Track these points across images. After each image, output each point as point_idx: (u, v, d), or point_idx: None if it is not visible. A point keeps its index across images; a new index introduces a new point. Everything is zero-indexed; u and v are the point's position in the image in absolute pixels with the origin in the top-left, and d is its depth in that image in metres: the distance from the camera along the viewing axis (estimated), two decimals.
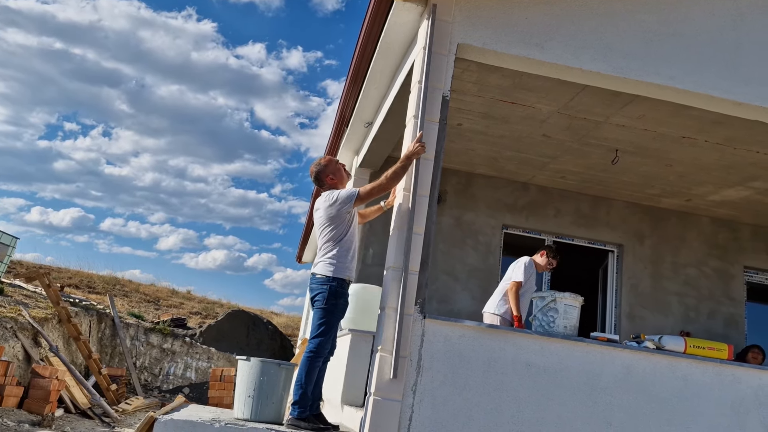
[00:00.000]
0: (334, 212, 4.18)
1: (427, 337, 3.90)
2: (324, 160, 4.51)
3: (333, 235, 4.17)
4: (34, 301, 10.87)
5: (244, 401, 3.98)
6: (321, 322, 4.09)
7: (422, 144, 4.06)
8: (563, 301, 4.29)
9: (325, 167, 4.44)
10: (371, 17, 4.87)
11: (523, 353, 3.99)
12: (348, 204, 4.16)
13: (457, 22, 4.36)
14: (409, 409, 3.78)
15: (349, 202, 4.15)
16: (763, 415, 4.19)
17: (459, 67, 5.04)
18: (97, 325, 12.29)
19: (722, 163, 6.63)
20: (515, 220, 8.00)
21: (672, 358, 4.19)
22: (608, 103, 5.61)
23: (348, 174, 4.55)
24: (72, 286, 15.46)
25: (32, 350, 8.86)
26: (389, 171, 4.07)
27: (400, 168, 4.05)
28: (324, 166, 4.45)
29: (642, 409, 4.06)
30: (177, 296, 18.63)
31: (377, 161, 7.30)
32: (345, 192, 4.20)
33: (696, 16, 4.72)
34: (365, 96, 6.08)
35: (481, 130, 6.67)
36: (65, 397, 8.69)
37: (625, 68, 4.51)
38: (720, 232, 8.36)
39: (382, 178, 4.07)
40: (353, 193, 4.16)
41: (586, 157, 6.98)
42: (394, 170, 4.06)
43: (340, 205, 4.16)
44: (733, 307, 8.17)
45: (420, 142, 4.07)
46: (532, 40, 4.44)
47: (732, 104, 4.68)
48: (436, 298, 7.53)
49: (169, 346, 13.09)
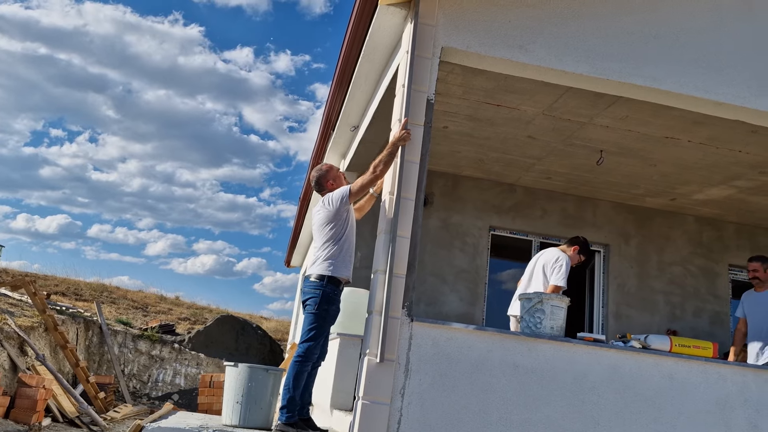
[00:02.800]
0: (332, 213, 4.25)
1: (414, 340, 3.91)
2: (326, 166, 4.59)
3: (332, 234, 4.23)
4: (20, 310, 10.77)
5: (232, 407, 3.97)
6: (311, 327, 4.10)
7: (408, 131, 4.09)
8: (549, 302, 4.31)
9: (326, 173, 4.52)
10: (355, 21, 4.89)
11: (510, 354, 4.01)
12: (344, 202, 4.24)
13: (441, 25, 4.39)
14: (398, 412, 3.79)
15: (345, 199, 4.23)
16: (748, 412, 4.24)
17: (444, 70, 5.06)
18: (84, 332, 12.20)
19: (705, 163, 6.70)
20: (502, 221, 8.03)
21: (658, 357, 4.22)
22: (592, 104, 5.66)
23: (347, 182, 4.57)
24: (59, 293, 15.32)
25: (18, 359, 8.78)
26: (376, 160, 4.12)
27: (386, 156, 4.10)
28: (325, 171, 4.53)
29: (629, 408, 4.09)
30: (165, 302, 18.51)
31: (364, 164, 7.29)
32: (337, 192, 4.29)
33: (677, 18, 4.77)
34: (351, 99, 6.09)
35: (467, 132, 6.69)
36: (52, 406, 8.62)
37: (608, 70, 4.55)
38: (704, 231, 8.45)
39: (370, 169, 4.14)
40: (345, 191, 4.25)
41: (572, 158, 7.03)
42: (381, 159, 4.11)
43: (338, 204, 4.23)
44: (718, 305, 8.25)
45: (405, 129, 4.10)
46: (515, 43, 4.47)
47: (713, 104, 4.74)
48: (424, 300, 7.55)
49: (158, 353, 13.02)
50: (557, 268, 5.33)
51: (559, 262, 5.35)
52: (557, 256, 5.41)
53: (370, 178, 4.15)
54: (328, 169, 4.56)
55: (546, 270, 5.41)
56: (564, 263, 5.34)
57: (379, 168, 4.11)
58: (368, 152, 6.83)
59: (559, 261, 5.36)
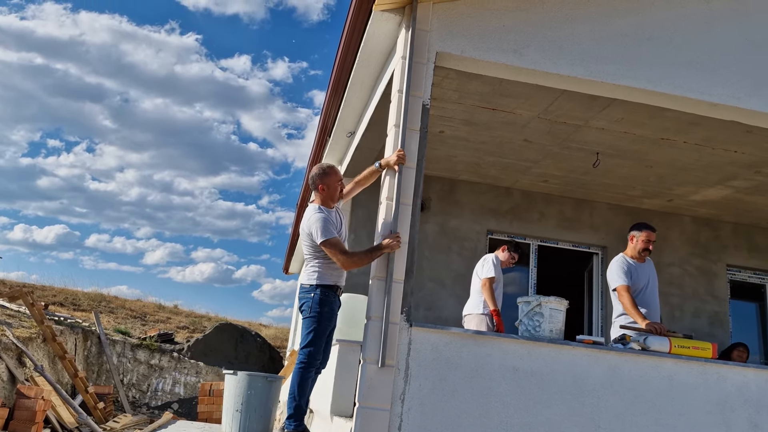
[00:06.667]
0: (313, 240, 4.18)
1: (414, 345, 3.90)
2: (329, 169, 4.43)
3: (316, 250, 4.19)
4: (18, 321, 10.73)
5: (231, 415, 3.96)
6: (309, 331, 4.10)
7: (398, 239, 3.92)
8: (548, 305, 4.31)
9: (325, 175, 4.37)
10: (350, 27, 4.90)
11: (510, 358, 4.01)
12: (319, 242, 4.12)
13: (435, 30, 4.40)
14: (398, 418, 3.78)
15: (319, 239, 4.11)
16: (748, 412, 4.23)
17: (439, 75, 5.07)
18: (82, 342, 12.15)
19: (701, 163, 6.72)
20: (500, 225, 8.04)
21: (657, 358, 4.22)
22: (587, 107, 5.67)
23: (341, 195, 4.47)
24: (57, 303, 15.27)
25: (17, 370, 8.74)
26: (360, 251, 4.08)
27: (367, 255, 3.96)
28: (325, 173, 4.38)
29: (629, 410, 4.08)
30: (164, 311, 18.46)
31: (360, 171, 7.30)
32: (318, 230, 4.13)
33: (670, 20, 4.78)
34: (347, 106, 6.10)
35: (463, 136, 6.70)
36: (51, 417, 8.58)
37: (602, 72, 4.56)
38: (702, 231, 8.46)
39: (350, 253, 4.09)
40: (322, 235, 4.10)
41: (568, 161, 7.04)
42: (363, 253, 4.01)
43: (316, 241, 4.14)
44: (717, 305, 8.25)
45: (396, 238, 3.91)
46: (509, 47, 4.48)
47: (708, 105, 4.75)
48: (423, 305, 7.54)
49: (157, 362, 12.97)
50: (486, 264, 6.13)
51: (487, 260, 6.17)
52: (485, 257, 6.27)
53: (342, 258, 4.04)
54: (329, 172, 4.40)
55: (478, 271, 6.19)
56: (491, 260, 6.11)
57: (356, 257, 4.05)
58: (365, 158, 6.83)
59: (486, 259, 6.21)
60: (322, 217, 4.15)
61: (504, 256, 6.28)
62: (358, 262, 4.05)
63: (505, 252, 6.30)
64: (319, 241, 4.08)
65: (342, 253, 4.05)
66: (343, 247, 4.12)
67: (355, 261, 4.05)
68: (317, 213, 4.20)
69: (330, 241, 4.07)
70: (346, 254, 4.06)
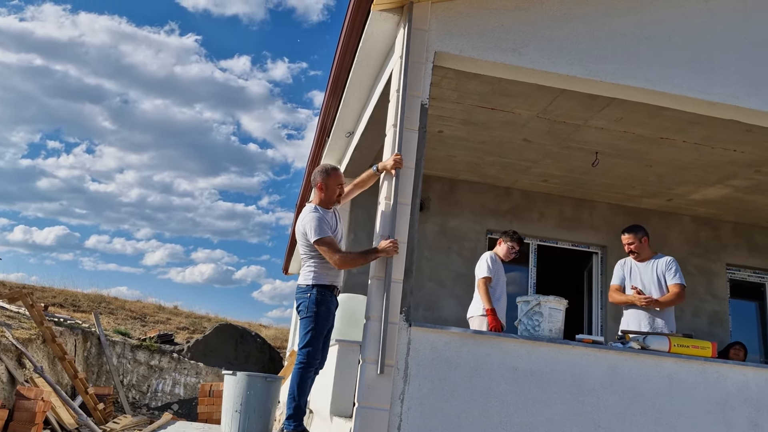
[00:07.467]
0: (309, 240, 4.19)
1: (413, 345, 3.90)
2: (332, 170, 4.43)
3: (311, 251, 4.21)
4: (18, 322, 10.72)
5: (231, 416, 3.95)
6: (307, 331, 4.10)
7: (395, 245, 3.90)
8: (548, 305, 4.31)
9: (327, 175, 4.37)
10: (348, 28, 4.89)
11: (509, 358, 4.00)
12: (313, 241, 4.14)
13: (434, 30, 4.39)
14: (398, 417, 3.77)
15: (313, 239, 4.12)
16: (748, 411, 4.23)
17: (438, 74, 5.07)
18: (82, 343, 12.15)
19: (701, 163, 6.71)
20: (499, 224, 8.02)
21: (657, 357, 4.21)
22: (586, 106, 5.67)
23: (338, 199, 4.45)
24: (56, 305, 15.26)
25: (16, 372, 8.74)
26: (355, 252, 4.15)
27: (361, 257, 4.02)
28: (327, 173, 4.38)
29: (629, 409, 4.08)
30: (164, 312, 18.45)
31: (359, 171, 7.30)
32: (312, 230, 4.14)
33: (669, 19, 4.78)
34: (345, 106, 6.09)
35: (462, 136, 6.70)
36: (51, 419, 8.57)
37: (601, 72, 4.56)
38: (701, 231, 8.45)
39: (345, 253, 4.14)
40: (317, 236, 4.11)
41: (567, 161, 7.04)
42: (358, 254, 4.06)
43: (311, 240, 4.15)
44: (717, 304, 8.24)
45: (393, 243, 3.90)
46: (508, 47, 4.47)
47: (707, 104, 4.74)
48: (422, 305, 7.53)
49: (157, 363, 12.96)
50: (480, 264, 5.94)
51: (481, 260, 5.97)
52: (481, 257, 6.05)
53: (336, 257, 4.05)
54: (330, 173, 4.39)
55: (476, 272, 5.97)
56: (485, 259, 5.91)
57: (350, 258, 4.08)
58: (363, 158, 6.84)
59: (480, 260, 6.00)
60: (316, 217, 4.17)
61: (503, 249, 6.02)
62: (351, 262, 4.08)
63: (503, 245, 6.04)
64: (313, 239, 4.10)
65: (335, 252, 4.06)
66: (337, 246, 4.13)
67: (348, 261, 4.07)
68: (312, 212, 4.22)
69: (323, 240, 4.08)
70: (340, 254, 4.07)
